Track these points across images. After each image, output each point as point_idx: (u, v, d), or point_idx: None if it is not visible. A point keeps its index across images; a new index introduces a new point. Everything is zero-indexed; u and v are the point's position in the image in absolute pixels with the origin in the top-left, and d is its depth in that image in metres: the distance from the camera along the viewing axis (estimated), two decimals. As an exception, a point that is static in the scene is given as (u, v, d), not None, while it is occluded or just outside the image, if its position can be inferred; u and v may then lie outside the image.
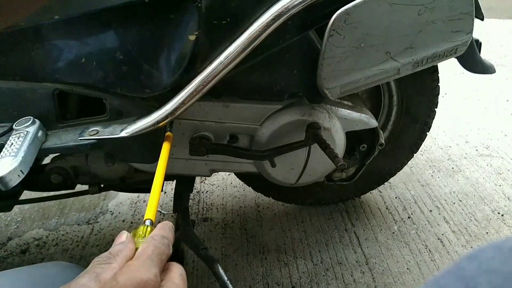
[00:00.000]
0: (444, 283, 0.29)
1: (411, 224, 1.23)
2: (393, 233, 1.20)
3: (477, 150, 1.59)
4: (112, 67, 0.68)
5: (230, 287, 0.75)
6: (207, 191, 1.40)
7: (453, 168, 1.49)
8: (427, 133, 1.09)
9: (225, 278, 0.77)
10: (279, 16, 0.64)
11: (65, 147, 0.69)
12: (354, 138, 0.97)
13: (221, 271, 0.78)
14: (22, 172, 0.63)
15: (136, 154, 0.78)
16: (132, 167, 0.87)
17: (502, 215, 1.25)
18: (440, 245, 1.15)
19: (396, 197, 1.34)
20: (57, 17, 0.67)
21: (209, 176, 0.93)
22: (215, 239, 1.19)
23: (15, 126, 0.69)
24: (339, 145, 0.89)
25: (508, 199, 1.32)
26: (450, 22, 0.72)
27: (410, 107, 1.03)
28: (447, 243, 1.15)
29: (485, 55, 0.90)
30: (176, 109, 0.67)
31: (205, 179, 1.46)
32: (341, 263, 1.10)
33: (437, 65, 0.91)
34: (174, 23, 0.66)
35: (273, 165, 0.87)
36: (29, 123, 0.69)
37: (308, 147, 0.87)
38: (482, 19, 0.85)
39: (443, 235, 1.18)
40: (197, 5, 0.64)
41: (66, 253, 1.16)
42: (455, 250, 1.13)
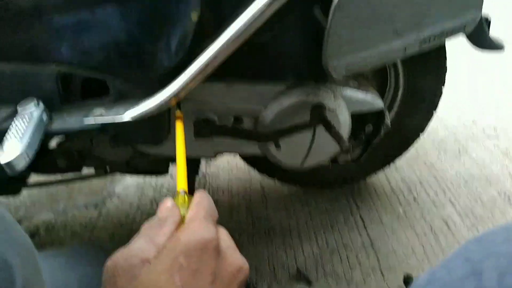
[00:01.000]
0: (452, 266, 0.29)
1: (417, 206, 1.22)
2: (398, 215, 1.20)
3: (484, 131, 1.57)
4: (114, 47, 0.68)
5: None
6: (213, 173, 1.41)
7: (459, 149, 1.48)
8: (434, 111, 1.08)
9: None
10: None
11: (70, 130, 0.70)
12: (359, 118, 0.96)
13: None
14: (28, 155, 0.64)
15: (140, 135, 0.78)
16: (137, 149, 0.87)
17: (508, 197, 1.24)
18: (445, 227, 1.15)
19: (401, 179, 1.34)
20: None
21: (213, 157, 0.93)
22: (221, 221, 1.17)
23: (19, 108, 0.69)
24: (344, 126, 0.88)
25: (515, 181, 1.31)
26: (459, -3, 0.70)
27: (416, 86, 1.02)
28: (453, 226, 1.15)
29: (495, 32, 0.88)
30: (181, 90, 0.66)
31: (211, 162, 1.46)
32: (346, 245, 1.10)
33: (445, 42, 0.89)
34: (176, 0, 0.65)
35: (278, 146, 0.87)
36: (33, 104, 0.69)
37: (313, 129, 0.86)
38: None
39: (448, 217, 1.18)
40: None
41: (74, 237, 1.18)
42: (461, 232, 1.12)
